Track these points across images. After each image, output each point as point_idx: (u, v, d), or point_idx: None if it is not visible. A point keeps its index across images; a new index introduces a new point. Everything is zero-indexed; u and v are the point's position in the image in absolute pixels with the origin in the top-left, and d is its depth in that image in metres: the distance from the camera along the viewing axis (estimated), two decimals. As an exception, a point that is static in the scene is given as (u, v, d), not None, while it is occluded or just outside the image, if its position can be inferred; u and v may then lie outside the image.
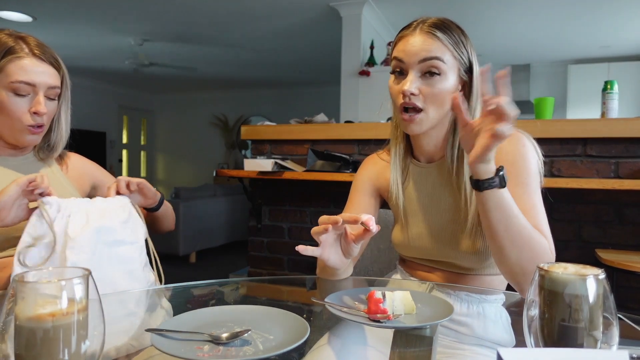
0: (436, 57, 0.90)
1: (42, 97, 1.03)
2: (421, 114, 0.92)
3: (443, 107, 0.93)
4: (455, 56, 0.92)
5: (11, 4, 4.31)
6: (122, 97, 8.63)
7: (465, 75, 0.95)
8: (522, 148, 0.92)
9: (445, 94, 0.92)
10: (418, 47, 0.91)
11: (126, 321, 0.89)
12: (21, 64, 1.00)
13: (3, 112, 1.01)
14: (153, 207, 1.15)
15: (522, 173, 0.90)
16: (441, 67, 0.90)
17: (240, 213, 5.72)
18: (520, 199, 0.87)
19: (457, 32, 0.94)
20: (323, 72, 6.80)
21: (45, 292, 0.45)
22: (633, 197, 2.11)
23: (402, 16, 4.42)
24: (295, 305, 1.07)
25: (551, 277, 0.50)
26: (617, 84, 2.21)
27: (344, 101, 4.16)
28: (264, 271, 2.91)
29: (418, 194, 1.05)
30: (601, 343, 0.49)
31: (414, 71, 0.91)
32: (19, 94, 1.00)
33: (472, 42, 0.97)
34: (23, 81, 0.99)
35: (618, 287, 2.10)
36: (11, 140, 1.06)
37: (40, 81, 1.02)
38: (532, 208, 0.88)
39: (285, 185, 2.80)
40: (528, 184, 0.90)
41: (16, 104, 1.01)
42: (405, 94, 0.91)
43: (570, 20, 4.52)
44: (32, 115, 1.02)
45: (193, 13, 4.49)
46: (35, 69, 1.01)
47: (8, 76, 0.99)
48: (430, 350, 0.66)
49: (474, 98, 0.95)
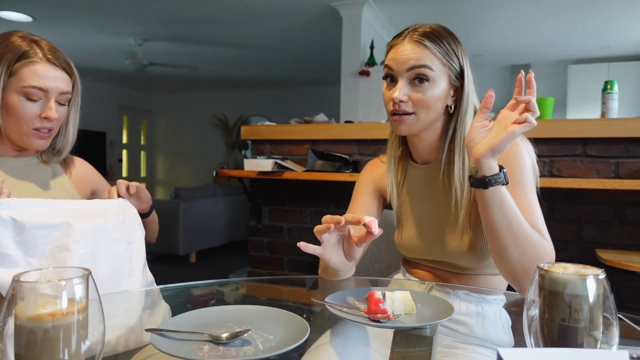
0: (424, 65, 0.92)
1: (54, 103, 1.03)
2: (411, 116, 0.95)
3: (432, 112, 0.95)
4: (444, 63, 0.94)
5: (11, 4, 4.31)
6: (122, 97, 8.63)
7: (456, 81, 0.96)
8: (516, 147, 0.93)
9: (434, 100, 0.94)
10: (406, 55, 0.93)
11: (124, 319, 0.89)
12: (35, 69, 1.00)
13: (13, 115, 1.01)
14: (145, 212, 1.15)
15: (516, 172, 0.91)
16: (429, 74, 0.92)
17: (240, 213, 5.72)
18: (516, 198, 0.87)
19: (448, 39, 0.95)
20: (323, 72, 6.80)
21: (45, 292, 0.45)
22: (633, 197, 2.11)
23: (402, 16, 4.42)
24: (295, 305, 1.07)
25: (551, 277, 0.50)
26: (617, 84, 2.21)
27: (344, 101, 4.16)
28: (264, 271, 2.91)
29: (412, 194, 1.07)
30: (601, 343, 0.49)
31: (403, 79, 0.94)
32: (31, 99, 1.00)
33: (464, 48, 0.98)
34: (36, 86, 0.99)
35: (618, 287, 2.10)
36: (19, 143, 1.06)
37: (52, 86, 1.01)
38: (530, 207, 0.89)
39: (285, 185, 2.80)
40: (523, 184, 0.90)
41: (27, 108, 1.00)
42: (395, 102, 0.94)
43: (570, 20, 4.52)
44: (42, 119, 1.03)
45: (193, 13, 4.49)
46: (48, 74, 1.01)
47: (21, 80, 0.99)
48: (430, 350, 0.66)
49: (464, 103, 0.96)
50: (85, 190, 1.22)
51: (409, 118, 0.95)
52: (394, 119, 0.96)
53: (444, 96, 0.95)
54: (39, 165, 1.13)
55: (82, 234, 0.93)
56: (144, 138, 9.29)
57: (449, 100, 0.97)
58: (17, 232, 0.88)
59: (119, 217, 1.01)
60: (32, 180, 1.09)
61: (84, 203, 1.00)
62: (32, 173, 1.10)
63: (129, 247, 1.01)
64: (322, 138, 2.69)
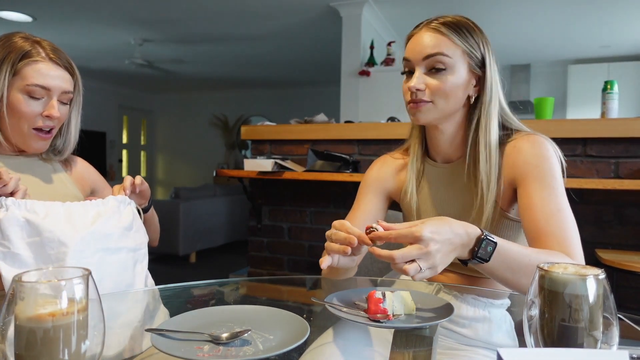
0: (440, 53, 0.90)
1: (56, 102, 1.04)
2: (428, 104, 0.92)
3: (451, 100, 0.92)
4: (463, 50, 0.91)
5: (11, 4, 4.31)
6: (122, 97, 8.62)
7: (477, 69, 0.94)
8: (546, 152, 0.90)
9: (453, 88, 0.91)
10: (422, 44, 0.92)
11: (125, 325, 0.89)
12: (37, 68, 1.01)
13: (15, 114, 1.02)
14: (145, 206, 1.16)
15: (546, 176, 0.88)
16: (446, 61, 0.90)
17: (240, 213, 5.72)
18: (545, 201, 0.85)
19: (468, 27, 0.93)
20: (323, 72, 6.80)
21: (45, 292, 0.45)
22: (633, 197, 2.11)
23: (402, 16, 4.42)
24: (295, 305, 1.07)
25: (551, 277, 0.50)
26: (617, 84, 2.21)
27: (344, 101, 4.16)
28: (264, 271, 2.91)
29: (432, 194, 1.03)
30: (601, 343, 0.49)
31: (420, 68, 0.92)
32: (34, 97, 1.01)
33: (487, 38, 0.96)
34: (39, 85, 1.01)
35: (618, 287, 2.10)
36: (19, 145, 1.07)
37: (55, 85, 1.03)
38: (559, 212, 0.85)
39: (285, 185, 2.80)
40: (554, 187, 0.88)
41: (30, 107, 1.01)
42: (412, 90, 0.92)
43: (570, 20, 4.52)
44: (44, 118, 1.03)
45: (193, 13, 4.49)
46: (50, 73, 1.02)
47: (24, 79, 1.00)
48: (430, 350, 0.66)
49: (487, 92, 0.94)
50: (86, 189, 1.22)
51: (426, 105, 0.92)
52: (411, 107, 0.94)
53: (464, 85, 0.92)
54: (36, 162, 1.14)
55: (88, 243, 0.93)
56: (144, 138, 9.29)
57: (471, 90, 0.94)
58: (29, 233, 0.89)
59: (125, 223, 1.01)
60: (33, 174, 1.09)
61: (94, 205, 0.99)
62: (32, 168, 1.10)
63: (135, 255, 1.01)
64: (322, 138, 2.69)
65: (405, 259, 0.68)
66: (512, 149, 0.94)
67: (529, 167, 0.89)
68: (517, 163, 0.92)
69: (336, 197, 2.69)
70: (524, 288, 0.78)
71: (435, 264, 0.69)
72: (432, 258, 0.68)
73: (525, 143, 0.92)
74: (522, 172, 0.90)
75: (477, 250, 0.73)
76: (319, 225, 2.76)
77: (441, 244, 0.69)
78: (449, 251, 0.71)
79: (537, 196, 0.87)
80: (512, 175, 0.93)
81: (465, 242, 0.73)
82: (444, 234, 0.71)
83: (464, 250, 0.74)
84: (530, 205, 0.87)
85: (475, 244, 0.74)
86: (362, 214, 1.05)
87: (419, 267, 0.68)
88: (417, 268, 0.68)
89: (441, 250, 0.69)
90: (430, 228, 0.70)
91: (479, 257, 0.74)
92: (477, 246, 0.74)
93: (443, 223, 0.73)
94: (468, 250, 0.74)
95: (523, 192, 0.89)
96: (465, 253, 0.74)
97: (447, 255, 0.71)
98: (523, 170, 0.90)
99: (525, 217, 0.88)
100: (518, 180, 0.91)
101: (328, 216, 2.73)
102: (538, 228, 0.85)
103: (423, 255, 0.68)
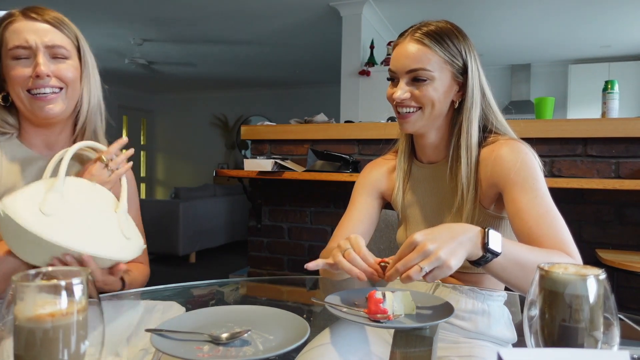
0: (421, 69, 0.93)
1: (42, 58, 0.95)
2: (415, 113, 0.96)
3: (437, 107, 0.95)
4: (445, 61, 0.94)
5: (10, 3, 4.31)
6: (122, 97, 8.62)
7: (460, 76, 0.96)
8: (525, 156, 0.92)
9: (436, 96, 0.94)
10: (405, 57, 0.95)
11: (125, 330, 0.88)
12: (13, 28, 0.96)
13: (11, 84, 0.96)
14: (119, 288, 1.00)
15: (529, 179, 0.89)
16: (427, 75, 0.93)
17: (240, 213, 5.72)
18: (532, 204, 0.86)
19: (451, 36, 0.95)
20: (323, 72, 6.80)
21: (44, 292, 0.44)
22: (633, 197, 2.11)
23: (402, 16, 4.42)
24: (295, 305, 1.07)
25: (551, 278, 0.50)
26: (618, 83, 2.21)
27: (344, 101, 4.16)
28: (264, 271, 2.91)
29: (417, 194, 1.07)
30: (602, 343, 0.49)
31: (404, 80, 0.96)
32: (19, 59, 0.95)
33: (470, 43, 0.98)
34: (17, 45, 0.94)
35: (618, 287, 2.10)
36: (29, 116, 1.00)
37: (32, 40, 0.94)
38: (547, 213, 0.86)
39: (285, 185, 2.80)
40: (538, 189, 0.89)
41: (18, 70, 0.95)
42: (397, 100, 0.96)
43: (570, 20, 4.52)
44: (35, 79, 0.95)
45: (193, 13, 4.49)
46: (26, 29, 0.95)
47: (7, 44, 0.96)
48: (430, 350, 0.66)
49: (468, 98, 0.96)
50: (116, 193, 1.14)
51: (414, 115, 0.96)
52: (399, 117, 0.98)
53: (447, 92, 0.96)
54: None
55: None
56: (143, 138, 9.29)
57: (454, 96, 0.97)
58: None
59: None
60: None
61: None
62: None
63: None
64: (322, 138, 2.69)
65: (407, 265, 0.70)
66: (490, 154, 0.96)
67: (511, 173, 0.91)
68: (497, 170, 0.93)
69: (336, 197, 2.69)
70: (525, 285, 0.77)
71: (441, 262, 0.69)
72: (433, 256, 0.68)
73: (504, 149, 0.94)
74: (504, 179, 0.92)
75: (487, 241, 0.73)
76: (318, 226, 2.76)
77: (439, 241, 0.70)
78: (454, 247, 0.71)
79: (523, 200, 0.88)
80: (492, 180, 0.95)
81: (469, 236, 0.73)
82: (438, 232, 0.72)
83: (472, 244, 0.73)
84: (518, 211, 0.88)
85: (482, 236, 0.74)
86: (357, 215, 1.08)
87: (419, 268, 0.69)
88: (417, 269, 0.69)
89: (443, 247, 0.69)
90: (423, 232, 0.72)
91: (491, 250, 0.73)
92: (486, 237, 0.73)
93: (439, 226, 0.74)
94: (478, 243, 0.74)
95: (509, 198, 0.91)
96: (477, 248, 0.73)
97: (454, 252, 0.70)
98: (505, 177, 0.91)
99: (515, 222, 0.88)
100: (501, 187, 0.93)
101: (328, 216, 2.73)
102: (530, 231, 0.85)
103: (422, 256, 0.69)
